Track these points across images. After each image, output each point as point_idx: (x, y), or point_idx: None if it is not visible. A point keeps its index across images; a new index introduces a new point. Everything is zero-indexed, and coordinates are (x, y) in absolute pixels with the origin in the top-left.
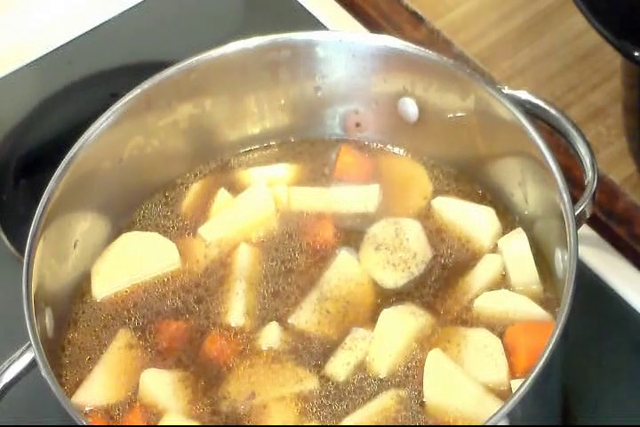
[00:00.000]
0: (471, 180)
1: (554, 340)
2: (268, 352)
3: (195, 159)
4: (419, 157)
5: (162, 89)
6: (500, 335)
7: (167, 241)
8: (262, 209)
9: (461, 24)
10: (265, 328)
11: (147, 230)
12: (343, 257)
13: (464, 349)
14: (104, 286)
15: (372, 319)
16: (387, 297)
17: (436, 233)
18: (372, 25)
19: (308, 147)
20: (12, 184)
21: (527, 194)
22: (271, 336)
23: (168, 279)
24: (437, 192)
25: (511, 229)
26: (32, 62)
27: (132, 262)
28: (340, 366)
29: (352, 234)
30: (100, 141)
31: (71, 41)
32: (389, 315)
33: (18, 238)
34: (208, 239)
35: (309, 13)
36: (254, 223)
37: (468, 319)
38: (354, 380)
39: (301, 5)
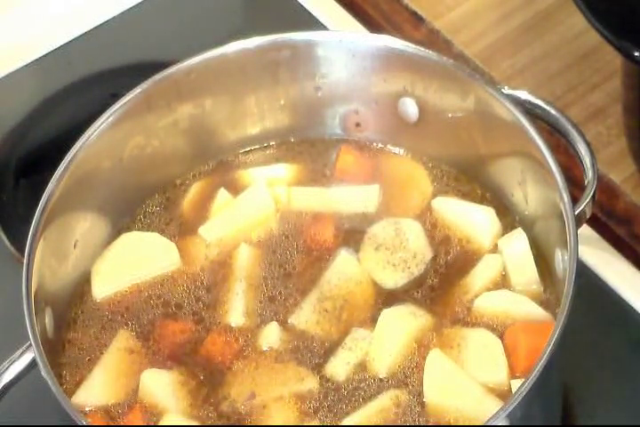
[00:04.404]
0: (471, 180)
1: (554, 340)
2: (269, 352)
3: (195, 159)
4: (419, 157)
5: (162, 89)
6: (500, 335)
7: (167, 241)
8: (262, 209)
9: (461, 24)
10: (265, 328)
11: (147, 230)
12: (343, 257)
13: (464, 349)
14: (104, 286)
15: (371, 319)
16: (387, 297)
17: (436, 233)
18: (372, 25)
19: (308, 147)
20: (12, 184)
21: (527, 194)
22: (271, 336)
23: (168, 279)
24: (437, 192)
25: (511, 229)
26: (32, 62)
27: (132, 262)
28: (340, 366)
29: (352, 234)
30: (100, 141)
31: (71, 41)
32: (389, 315)
33: (18, 238)
34: (208, 239)
35: (309, 13)
36: (254, 223)
37: (468, 319)
38: (354, 380)
39: (301, 5)
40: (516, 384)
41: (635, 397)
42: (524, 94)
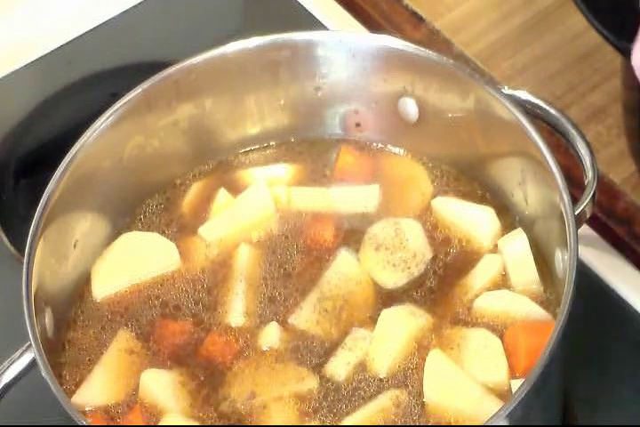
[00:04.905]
0: (471, 180)
1: (554, 340)
2: (269, 352)
3: (195, 159)
4: (419, 157)
5: (162, 89)
6: (500, 335)
7: (167, 241)
8: (262, 209)
9: (461, 24)
10: (265, 328)
11: (147, 230)
12: (343, 257)
13: (464, 349)
14: (104, 286)
15: (371, 319)
16: (387, 297)
17: (436, 233)
18: (372, 25)
19: (308, 147)
20: (12, 184)
21: (527, 194)
22: (271, 336)
23: (168, 280)
24: (437, 192)
25: (511, 229)
26: (32, 62)
27: (132, 262)
28: (340, 366)
29: (352, 234)
30: (100, 141)
31: (71, 41)
32: (389, 315)
33: (18, 238)
34: (208, 239)
35: (309, 13)
36: (254, 223)
37: (467, 320)
38: (354, 380)
39: (301, 5)
40: (516, 384)
41: (635, 397)
42: (523, 94)
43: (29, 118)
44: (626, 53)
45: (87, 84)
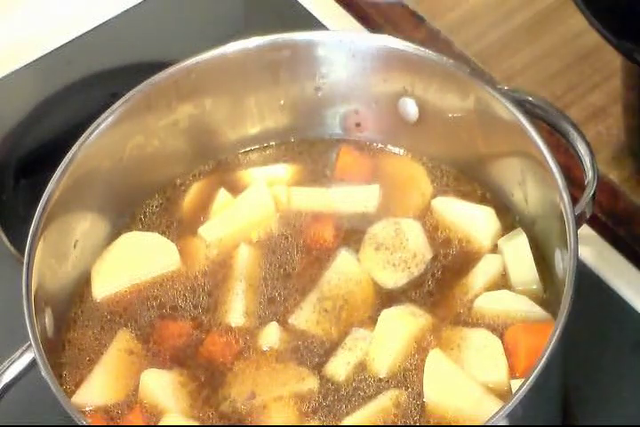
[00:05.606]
0: (471, 180)
1: (554, 340)
2: (270, 352)
3: (195, 159)
4: (419, 157)
5: (162, 89)
6: (500, 335)
7: (167, 241)
8: (262, 209)
9: (461, 24)
10: (265, 328)
11: (147, 230)
12: (343, 257)
13: (464, 349)
14: (104, 286)
15: (371, 319)
16: (387, 297)
17: (436, 233)
18: (372, 25)
19: (308, 147)
20: (12, 184)
21: (527, 194)
22: (271, 336)
23: (168, 279)
24: (437, 192)
25: (511, 229)
26: (32, 62)
27: (132, 262)
28: (340, 366)
29: (352, 234)
30: (100, 141)
31: (71, 41)
32: (389, 315)
33: (18, 238)
34: (208, 239)
35: (309, 13)
36: (254, 223)
37: (467, 320)
38: (354, 380)
39: (301, 5)
40: (516, 384)
41: (635, 397)
42: (523, 94)
43: (29, 118)
44: (626, 53)
45: (87, 84)
